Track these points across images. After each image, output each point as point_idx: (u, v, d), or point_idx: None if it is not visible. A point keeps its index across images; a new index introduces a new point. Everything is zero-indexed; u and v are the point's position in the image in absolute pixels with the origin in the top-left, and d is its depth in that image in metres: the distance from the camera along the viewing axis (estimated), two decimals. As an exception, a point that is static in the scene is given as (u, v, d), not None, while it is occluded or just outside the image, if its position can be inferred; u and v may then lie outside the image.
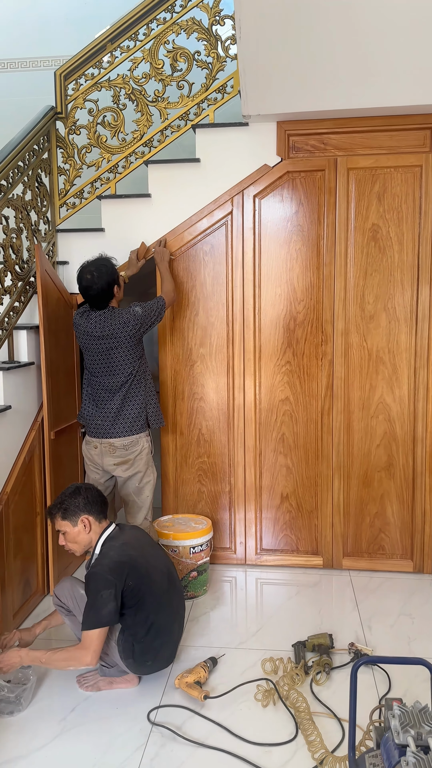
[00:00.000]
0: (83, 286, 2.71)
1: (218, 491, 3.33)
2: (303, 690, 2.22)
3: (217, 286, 3.20)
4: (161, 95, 3.17)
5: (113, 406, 2.78)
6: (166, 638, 2.26)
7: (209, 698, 2.18)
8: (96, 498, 2.29)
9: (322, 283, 3.13)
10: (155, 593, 2.22)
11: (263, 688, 2.21)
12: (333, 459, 3.22)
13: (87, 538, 2.28)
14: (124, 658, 2.22)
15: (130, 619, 2.17)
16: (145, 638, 2.19)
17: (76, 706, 2.17)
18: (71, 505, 2.24)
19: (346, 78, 2.74)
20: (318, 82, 2.77)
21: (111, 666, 2.30)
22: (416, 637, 2.60)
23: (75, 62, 3.15)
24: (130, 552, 2.21)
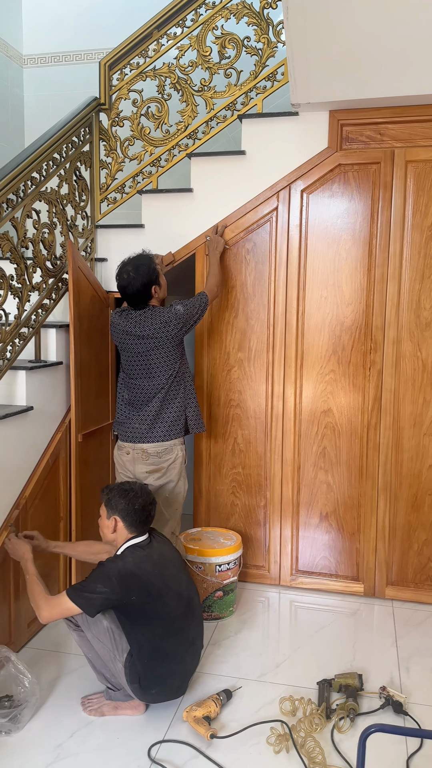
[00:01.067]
0: (120, 285, 2.60)
1: (253, 505, 3.13)
2: (322, 737, 1.99)
3: (259, 286, 3.00)
4: (208, 84, 3.00)
5: (152, 409, 2.64)
6: (174, 666, 2.09)
7: (216, 737, 1.99)
8: (139, 510, 2.15)
9: (373, 286, 2.87)
10: (166, 617, 2.05)
11: (277, 731, 2.00)
12: (379, 478, 2.96)
13: (110, 537, 2.19)
14: (129, 682, 2.07)
15: (135, 635, 2.04)
16: (151, 662, 2.04)
17: (75, 732, 2.04)
18: (114, 500, 2.17)
19: (405, 62, 2.47)
20: (374, 66, 2.52)
21: (117, 689, 2.16)
22: (460, 685, 2.31)
23: (120, 51, 3.03)
24: (148, 568, 2.06)
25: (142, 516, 2.16)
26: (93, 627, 2.09)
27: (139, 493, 2.20)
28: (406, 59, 2.46)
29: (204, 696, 2.19)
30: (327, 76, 2.59)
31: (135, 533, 2.17)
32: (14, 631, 2.45)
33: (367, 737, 1.27)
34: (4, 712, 2.02)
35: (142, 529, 2.18)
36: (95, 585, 1.98)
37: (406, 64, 2.49)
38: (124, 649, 2.08)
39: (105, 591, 1.97)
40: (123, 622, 2.06)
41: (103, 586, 1.97)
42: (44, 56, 4.09)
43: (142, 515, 2.16)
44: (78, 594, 1.98)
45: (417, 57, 2.44)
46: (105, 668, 2.14)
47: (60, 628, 2.67)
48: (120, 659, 2.08)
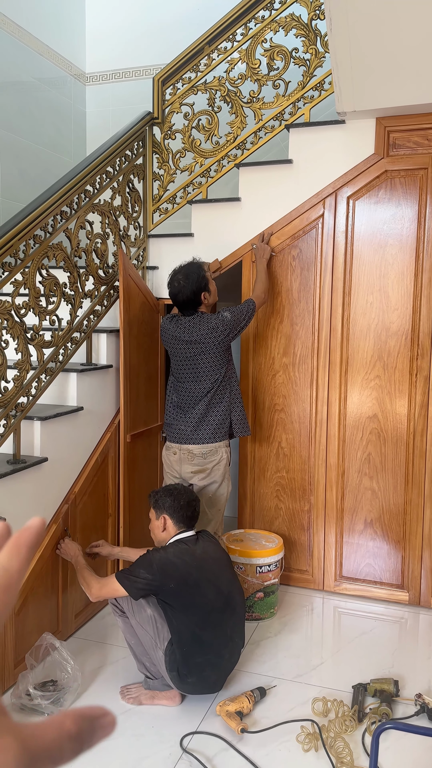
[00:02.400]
0: (171, 292, 2.73)
1: (297, 509, 3.16)
2: (352, 739, 2.01)
3: (304, 292, 3.03)
4: (256, 95, 3.07)
5: (198, 411, 2.74)
6: (211, 658, 2.15)
7: (248, 732, 2.04)
8: (184, 506, 2.31)
9: (420, 291, 2.85)
10: (203, 608, 2.14)
11: (307, 730, 2.03)
12: (425, 486, 2.92)
13: (161, 536, 2.34)
14: (169, 670, 2.15)
15: (176, 623, 2.13)
16: (190, 650, 2.12)
17: (113, 717, 2.13)
18: (160, 500, 2.33)
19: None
20: (418, 73, 2.52)
21: (156, 678, 2.24)
22: None
23: (173, 66, 3.15)
24: (187, 559, 2.17)
25: (188, 511, 2.31)
26: (137, 614, 2.19)
27: (183, 492, 2.36)
28: (452, 64, 2.45)
29: (239, 692, 2.24)
30: (372, 83, 2.61)
31: (183, 528, 2.30)
32: (62, 621, 2.58)
33: (381, 733, 1.30)
34: (48, 695, 2.14)
35: (189, 524, 2.32)
36: (139, 570, 2.13)
37: (452, 69, 2.48)
38: (165, 637, 2.17)
39: (147, 576, 2.11)
40: (165, 609, 2.15)
41: (146, 572, 2.11)
42: (105, 73, 4.28)
43: (188, 510, 2.31)
44: (124, 576, 2.13)
45: (463, 61, 2.43)
46: (145, 656, 2.23)
47: (106, 620, 2.79)
48: (161, 647, 2.17)
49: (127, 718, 2.14)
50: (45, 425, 2.43)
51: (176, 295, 2.71)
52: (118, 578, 2.14)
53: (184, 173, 3.29)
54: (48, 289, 2.44)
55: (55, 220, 2.49)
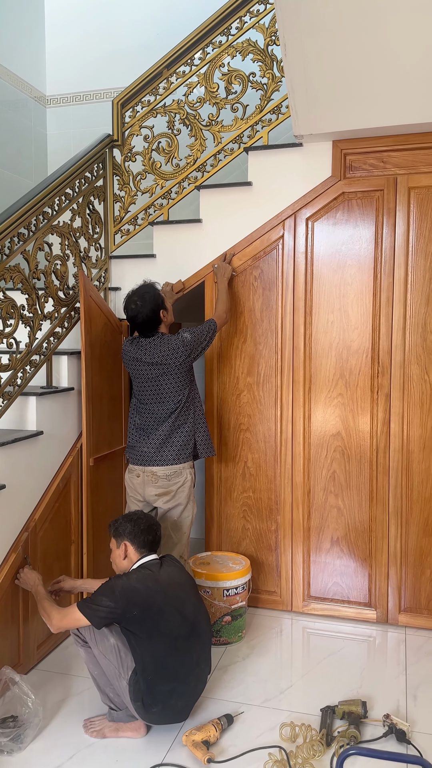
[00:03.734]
0: (130, 315, 2.71)
1: (264, 529, 3.14)
2: (321, 764, 1.97)
3: (267, 312, 3.05)
4: (215, 119, 3.11)
5: (161, 433, 2.71)
6: (177, 686, 2.10)
7: (214, 762, 1.99)
8: (145, 530, 2.27)
9: (378, 310, 2.89)
10: (168, 635, 2.09)
11: (275, 757, 1.99)
12: (389, 502, 2.94)
13: (123, 564, 2.29)
14: (133, 701, 2.10)
15: (140, 651, 2.08)
16: (155, 679, 2.06)
17: (75, 754, 2.06)
18: (120, 527, 2.29)
19: (405, 91, 2.53)
20: (373, 97, 2.59)
21: (120, 709, 2.18)
22: (468, 716, 2.26)
23: (132, 89, 3.17)
24: (150, 585, 2.12)
25: (149, 535, 2.27)
26: (100, 643, 2.13)
27: (143, 517, 2.33)
28: (405, 89, 2.52)
29: (206, 721, 2.19)
30: (327, 107, 2.66)
31: (145, 553, 2.26)
32: (23, 653, 2.50)
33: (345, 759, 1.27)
34: (7, 732, 2.06)
35: (151, 549, 2.28)
36: (101, 598, 2.07)
37: (405, 94, 2.54)
38: (129, 666, 2.11)
39: (109, 604, 2.06)
40: (128, 637, 2.10)
41: (108, 599, 2.06)
42: (66, 96, 4.29)
43: (149, 534, 2.27)
44: (86, 605, 2.07)
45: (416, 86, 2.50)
46: (109, 686, 2.17)
47: (69, 650, 2.71)
48: (125, 677, 2.11)
49: (91, 753, 2.07)
50: (2, 451, 2.37)
51: (135, 317, 2.69)
52: (79, 607, 2.08)
53: (145, 195, 3.29)
54: (5, 312, 2.40)
55: (12, 242, 2.46)
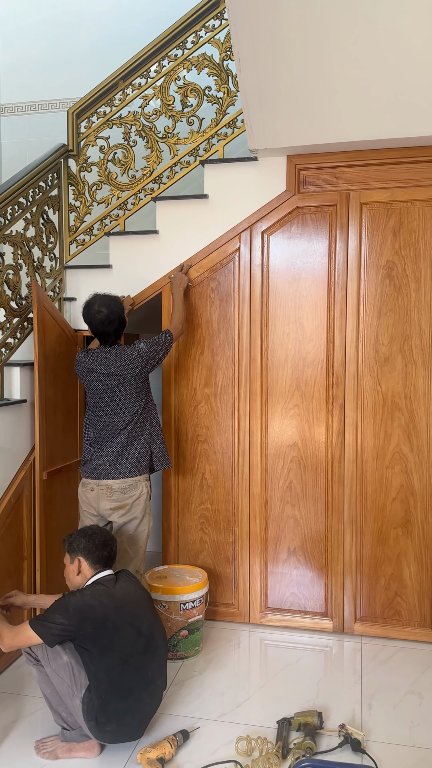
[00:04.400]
0: (98, 321, 2.65)
1: (221, 541, 3.13)
2: (277, 779, 1.97)
3: (224, 323, 3.06)
4: (171, 131, 3.12)
5: (117, 445, 2.67)
6: (131, 703, 2.06)
7: (170, 780, 1.96)
8: (99, 545, 2.24)
9: (333, 322, 2.94)
10: (123, 651, 2.06)
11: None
12: (345, 512, 2.97)
13: (77, 580, 2.25)
14: (86, 719, 2.05)
15: (94, 668, 2.04)
16: (109, 696, 2.02)
17: (26, 776, 2.00)
18: (75, 542, 2.26)
19: (357, 109, 2.60)
20: (326, 114, 2.64)
21: (73, 728, 2.13)
22: (421, 722, 2.29)
23: (87, 100, 3.15)
24: (105, 601, 2.09)
25: (104, 551, 2.24)
26: (53, 662, 2.08)
27: (98, 532, 2.30)
28: (357, 106, 2.58)
29: (161, 737, 2.16)
30: (281, 123, 2.70)
31: (99, 569, 2.22)
32: (-27, 673, 2.43)
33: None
34: None
35: (106, 565, 2.24)
36: (54, 615, 2.02)
37: (358, 111, 2.60)
38: (83, 684, 2.06)
39: (63, 622, 2.01)
40: (82, 654, 2.06)
41: (61, 617, 2.02)
42: (21, 105, 4.24)
43: (104, 550, 2.24)
44: (39, 623, 2.02)
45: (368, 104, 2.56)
46: (62, 705, 2.12)
47: (22, 669, 2.64)
48: (78, 695, 2.06)
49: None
50: None
51: (103, 324, 2.65)
52: (32, 625, 2.03)
53: (101, 205, 3.28)
54: None
55: (-37, 252, 2.41)
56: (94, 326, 2.68)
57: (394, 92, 2.50)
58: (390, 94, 2.51)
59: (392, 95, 2.51)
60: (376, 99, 2.54)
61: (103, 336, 2.70)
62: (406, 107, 2.55)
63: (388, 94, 2.51)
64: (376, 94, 2.52)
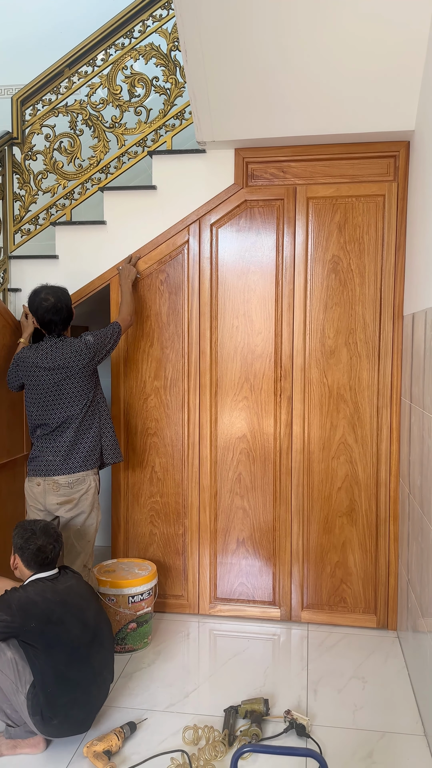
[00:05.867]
0: (44, 308, 2.61)
1: (171, 533, 3.14)
2: (222, 765, 1.99)
3: (173, 316, 3.06)
4: (118, 121, 3.08)
5: (66, 440, 2.63)
6: (78, 696, 2.06)
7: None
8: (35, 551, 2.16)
9: (280, 316, 2.97)
10: (68, 644, 2.05)
11: (177, 761, 1.99)
12: (292, 502, 3.02)
13: (15, 573, 2.23)
14: (32, 715, 2.03)
15: (39, 663, 2.02)
16: (55, 690, 2.01)
17: (-31, 775, 1.98)
18: (15, 539, 2.21)
19: (302, 103, 2.62)
20: (272, 107, 2.66)
21: (17, 725, 2.11)
22: (363, 705, 2.35)
23: (32, 87, 3.08)
24: (49, 596, 2.07)
25: (39, 557, 2.18)
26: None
27: (39, 534, 2.20)
28: (303, 100, 2.61)
29: (108, 730, 2.16)
30: (228, 115, 2.71)
31: (34, 571, 2.18)
32: None
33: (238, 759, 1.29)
34: None
35: (41, 569, 2.19)
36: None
37: (303, 105, 2.63)
38: (27, 680, 2.04)
39: (6, 618, 1.99)
40: (26, 650, 2.03)
41: (4, 614, 1.99)
42: (-36, 90, 4.11)
43: (39, 557, 2.17)
44: None
45: (313, 99, 2.59)
46: (6, 702, 2.09)
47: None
48: (22, 691, 2.04)
49: (-14, 774, 1.99)
50: None
51: (49, 312, 2.61)
52: None
53: (47, 194, 3.22)
54: None
55: None
56: (41, 314, 2.63)
57: (338, 87, 2.53)
58: (334, 88, 2.54)
59: (337, 90, 2.55)
60: (321, 93, 2.58)
61: (49, 325, 2.65)
62: (350, 102, 2.59)
63: (332, 88, 2.55)
64: (321, 88, 2.55)
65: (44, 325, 2.66)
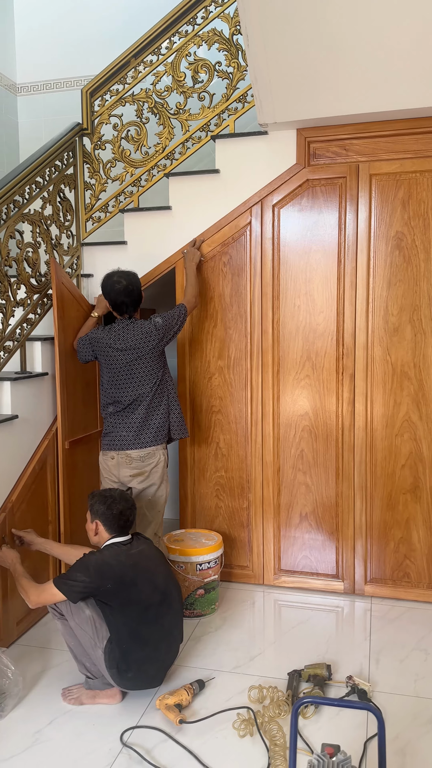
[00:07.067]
0: (117, 291, 2.75)
1: (236, 507, 3.25)
2: (286, 723, 2.10)
3: (236, 297, 3.14)
4: (183, 107, 3.17)
5: (138, 417, 2.79)
6: (150, 652, 2.21)
7: (186, 723, 2.11)
8: (117, 515, 2.33)
9: (342, 294, 3.00)
10: (140, 604, 2.20)
11: (243, 717, 2.11)
12: (355, 478, 3.07)
13: (95, 539, 2.39)
14: (108, 668, 2.20)
15: (114, 621, 2.19)
16: (129, 646, 2.17)
17: (54, 719, 2.17)
18: (95, 506, 2.37)
19: (366, 81, 2.62)
20: (334, 86, 2.67)
21: (96, 677, 2.29)
22: (426, 675, 2.40)
23: (100, 79, 3.21)
24: (123, 559, 2.23)
25: (120, 521, 2.35)
26: (76, 616, 2.23)
27: (118, 499, 2.38)
28: (366, 78, 2.61)
29: (178, 686, 2.31)
30: (290, 96, 2.74)
31: (114, 535, 2.33)
32: (3, 629, 2.59)
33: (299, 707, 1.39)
34: (-11, 701, 2.16)
35: (121, 532, 2.35)
36: (76, 574, 2.17)
37: (366, 83, 2.63)
38: (104, 636, 2.21)
39: (84, 579, 2.16)
40: (103, 609, 2.20)
41: (83, 575, 2.16)
42: (36, 84, 4.30)
43: (120, 520, 2.35)
44: (62, 581, 2.17)
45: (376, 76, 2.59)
46: (85, 656, 2.27)
47: (49, 626, 2.81)
48: (100, 646, 2.21)
49: (69, 718, 2.17)
50: (-21, 434, 2.44)
51: (121, 294, 2.74)
52: (55, 584, 2.17)
53: (115, 182, 3.35)
54: (-22, 299, 2.46)
55: (-16, 231, 2.51)
56: (113, 297, 2.78)
57: (401, 63, 2.52)
58: (398, 65, 2.53)
59: (400, 66, 2.53)
60: (383, 70, 2.57)
61: (120, 307, 2.79)
62: (413, 78, 2.57)
63: (395, 65, 2.53)
64: (384, 65, 2.54)
65: (116, 307, 2.81)
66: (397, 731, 2.07)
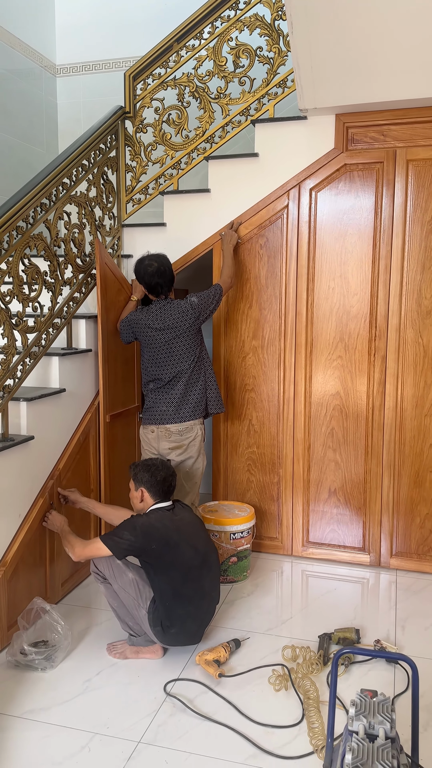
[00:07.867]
0: (150, 272, 2.87)
1: (267, 482, 3.38)
2: (318, 680, 2.25)
3: (271, 278, 3.24)
4: (223, 92, 3.24)
5: (177, 392, 2.92)
6: (192, 610, 2.36)
7: (224, 677, 2.27)
8: (160, 482, 2.49)
9: (377, 277, 3.08)
10: (183, 565, 2.35)
11: (278, 672, 2.27)
12: (383, 456, 3.18)
13: (140, 505, 2.54)
14: (152, 626, 2.35)
15: (158, 582, 2.33)
16: (172, 603, 2.32)
17: (101, 671, 2.34)
18: (139, 474, 2.52)
19: (405, 67, 2.67)
20: (374, 72, 2.73)
21: (139, 635, 2.45)
22: (449, 642, 2.53)
23: (143, 63, 3.29)
24: (167, 523, 2.38)
25: (164, 486, 2.50)
26: (119, 579, 2.39)
27: (161, 467, 2.53)
28: (406, 65, 2.66)
29: (216, 644, 2.47)
30: (331, 83, 2.80)
31: (158, 500, 2.49)
32: (50, 589, 2.77)
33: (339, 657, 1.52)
34: (41, 652, 2.33)
35: (165, 497, 2.50)
36: (123, 532, 2.32)
37: (405, 70, 2.68)
38: (148, 596, 2.37)
39: (130, 538, 2.30)
40: (147, 569, 2.35)
41: (129, 534, 2.31)
42: (76, 65, 4.38)
43: (164, 486, 2.50)
44: (109, 537, 2.33)
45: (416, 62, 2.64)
46: (128, 616, 2.44)
47: (90, 587, 2.98)
48: (144, 606, 2.37)
49: (115, 670, 2.34)
50: (31, 406, 2.59)
51: (154, 276, 2.86)
52: (102, 539, 2.32)
53: (155, 165, 3.44)
54: (30, 278, 2.59)
55: (36, 212, 2.63)
56: (147, 279, 2.89)
57: (442, 51, 2.56)
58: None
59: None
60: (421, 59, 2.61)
61: (155, 288, 2.91)
62: (454, 65, 2.61)
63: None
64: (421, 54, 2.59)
65: (151, 289, 2.92)
66: (423, 690, 2.21)
